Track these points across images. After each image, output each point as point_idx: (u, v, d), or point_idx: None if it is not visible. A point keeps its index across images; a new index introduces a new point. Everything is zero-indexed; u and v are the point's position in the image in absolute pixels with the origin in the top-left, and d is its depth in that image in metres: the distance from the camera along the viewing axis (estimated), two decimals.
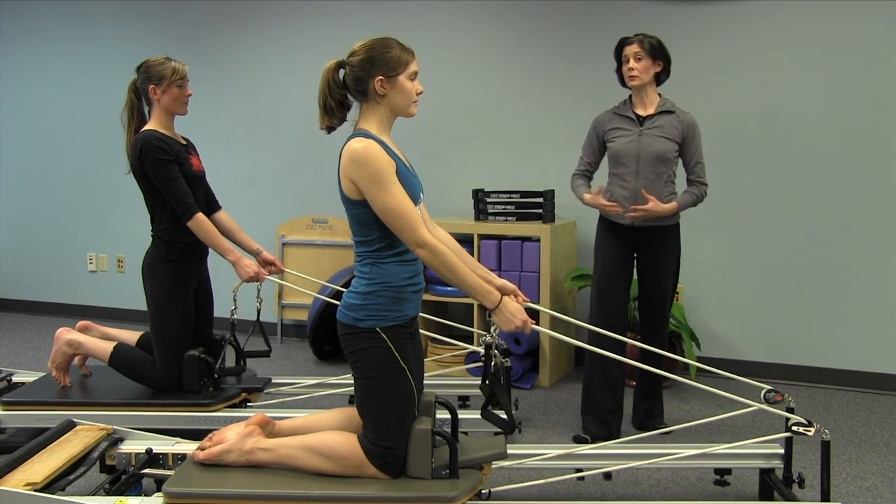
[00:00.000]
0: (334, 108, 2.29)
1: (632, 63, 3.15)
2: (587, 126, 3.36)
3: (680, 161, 3.27)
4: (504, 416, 2.32)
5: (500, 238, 4.27)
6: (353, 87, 2.26)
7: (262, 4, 5.14)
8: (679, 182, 3.28)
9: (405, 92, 2.26)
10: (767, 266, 4.20)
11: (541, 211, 4.21)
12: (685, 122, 3.20)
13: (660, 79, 3.23)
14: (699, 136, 3.23)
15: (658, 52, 3.17)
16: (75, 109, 5.74)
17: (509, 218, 4.28)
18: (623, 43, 3.21)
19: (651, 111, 3.21)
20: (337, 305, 2.34)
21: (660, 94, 3.25)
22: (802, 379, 4.18)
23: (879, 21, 3.88)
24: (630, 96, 3.28)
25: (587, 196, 3.25)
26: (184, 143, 3.18)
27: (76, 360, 3.32)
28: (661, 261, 3.28)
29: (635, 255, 3.31)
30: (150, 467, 2.57)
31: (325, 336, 4.65)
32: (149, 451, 2.57)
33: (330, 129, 2.32)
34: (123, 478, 2.49)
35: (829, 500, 2.40)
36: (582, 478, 2.81)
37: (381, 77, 2.22)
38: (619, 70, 3.26)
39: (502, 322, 2.22)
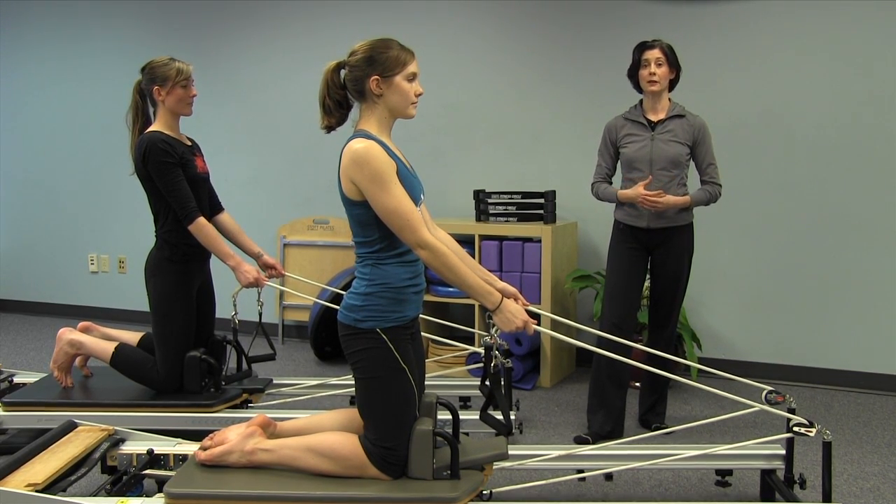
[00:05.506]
0: (332, 108, 2.30)
1: (653, 68, 3.16)
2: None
3: (692, 164, 3.29)
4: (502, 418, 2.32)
5: (501, 239, 4.27)
6: (352, 86, 2.27)
7: (264, 5, 5.14)
8: (692, 185, 3.29)
9: (402, 93, 2.25)
10: (769, 266, 4.20)
11: (542, 212, 4.21)
12: (696, 125, 3.23)
13: (672, 85, 3.26)
14: (710, 138, 3.25)
15: (675, 59, 3.20)
16: (76, 110, 5.74)
17: (510, 219, 4.28)
18: (644, 47, 3.20)
19: (662, 116, 3.23)
20: (338, 308, 2.34)
21: (670, 99, 3.27)
22: (804, 380, 4.17)
23: (880, 22, 3.88)
24: (641, 101, 3.29)
25: (622, 192, 3.23)
26: (189, 143, 3.18)
27: (77, 360, 3.31)
28: (675, 261, 3.29)
29: (649, 257, 3.32)
30: (151, 468, 2.58)
31: (326, 336, 4.65)
32: (150, 452, 2.57)
33: (329, 128, 2.33)
34: (125, 478, 2.50)
35: (830, 501, 2.40)
36: (583, 478, 2.80)
37: (376, 77, 2.22)
38: (632, 74, 3.26)
39: (503, 323, 2.22)
